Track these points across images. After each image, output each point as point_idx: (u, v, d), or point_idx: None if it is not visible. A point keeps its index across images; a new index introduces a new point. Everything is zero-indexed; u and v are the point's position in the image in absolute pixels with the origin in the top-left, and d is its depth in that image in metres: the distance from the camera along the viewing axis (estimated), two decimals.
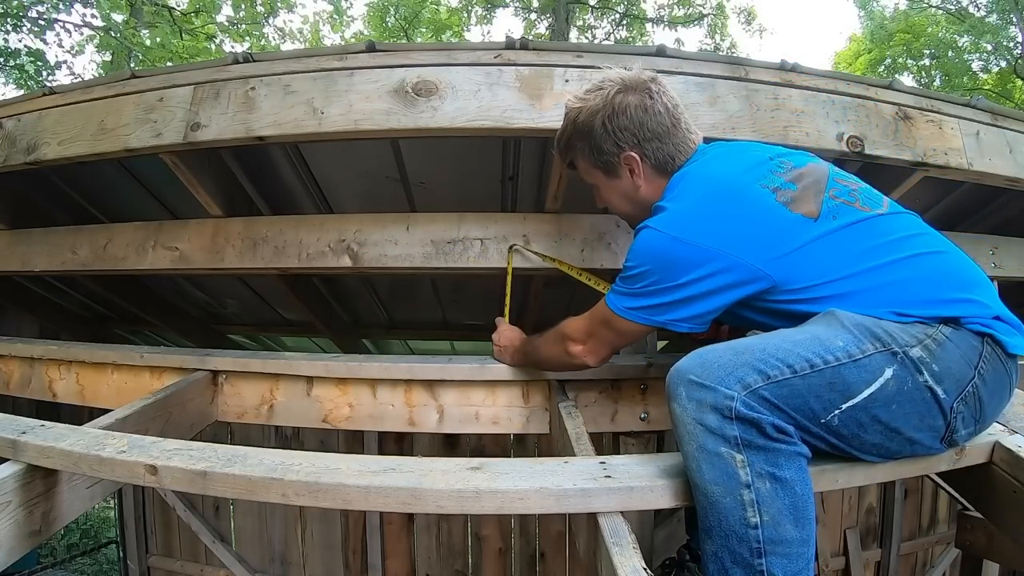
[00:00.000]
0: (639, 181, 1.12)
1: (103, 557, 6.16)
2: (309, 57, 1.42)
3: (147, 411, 1.31)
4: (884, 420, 0.85)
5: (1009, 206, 1.90)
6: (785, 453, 0.82)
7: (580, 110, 1.12)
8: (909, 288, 0.91)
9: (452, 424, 1.46)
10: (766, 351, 0.85)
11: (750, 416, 0.80)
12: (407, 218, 1.66)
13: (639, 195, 1.13)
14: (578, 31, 14.56)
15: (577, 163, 1.20)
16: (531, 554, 3.25)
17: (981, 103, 1.55)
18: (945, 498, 3.50)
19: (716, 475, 0.81)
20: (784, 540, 0.80)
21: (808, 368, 0.83)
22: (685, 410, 0.84)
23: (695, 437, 0.83)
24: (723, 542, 0.81)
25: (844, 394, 0.83)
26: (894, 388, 0.84)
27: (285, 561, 3.38)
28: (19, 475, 1.00)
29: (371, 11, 14.68)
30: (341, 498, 0.88)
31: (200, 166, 1.60)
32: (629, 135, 1.08)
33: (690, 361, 0.87)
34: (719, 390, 0.81)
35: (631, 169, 1.11)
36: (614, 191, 1.17)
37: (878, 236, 0.95)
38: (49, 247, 1.91)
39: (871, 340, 0.85)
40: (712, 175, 1.03)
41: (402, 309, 2.89)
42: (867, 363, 0.84)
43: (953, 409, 0.87)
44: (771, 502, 0.80)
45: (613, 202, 1.20)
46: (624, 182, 1.14)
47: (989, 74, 13.63)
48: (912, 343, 0.85)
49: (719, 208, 0.97)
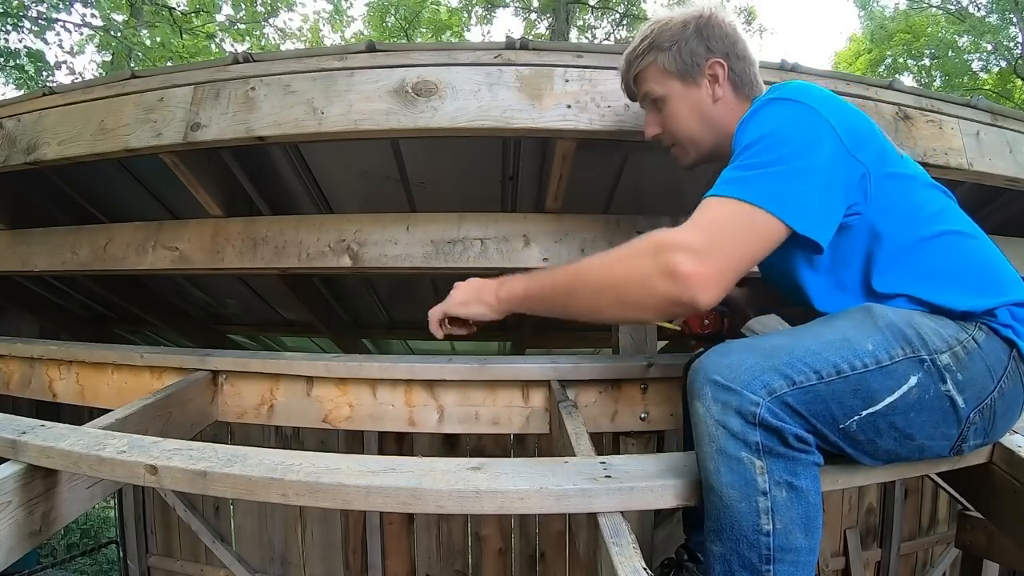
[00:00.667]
0: (719, 92, 1.07)
1: (103, 557, 6.16)
2: (309, 57, 1.42)
3: (147, 411, 1.30)
4: (900, 427, 0.84)
5: (1009, 206, 1.90)
6: (803, 462, 0.81)
7: (670, 17, 1.08)
8: (958, 272, 0.91)
9: (452, 424, 1.46)
10: (794, 354, 0.82)
11: (774, 424, 0.79)
12: (407, 218, 1.66)
13: (712, 110, 1.07)
14: (578, 31, 14.56)
15: (647, 74, 1.11)
16: (531, 554, 3.25)
17: (981, 103, 1.55)
18: (945, 498, 3.50)
19: (734, 479, 0.80)
20: (794, 548, 0.79)
21: (835, 375, 0.81)
22: (709, 411, 0.81)
23: (716, 439, 0.81)
24: (733, 546, 0.80)
25: (866, 401, 0.82)
26: (916, 396, 0.82)
27: (285, 561, 3.39)
28: (19, 475, 1.00)
29: (371, 11, 14.68)
30: (341, 498, 0.88)
31: (200, 166, 1.60)
32: (721, 44, 1.06)
33: (716, 359, 0.84)
34: (745, 395, 0.79)
35: (714, 77, 1.06)
36: (686, 102, 1.08)
37: (930, 204, 0.97)
38: (49, 247, 1.91)
39: (901, 344, 0.83)
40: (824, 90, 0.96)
41: (402, 309, 2.89)
42: (894, 369, 0.82)
43: (969, 419, 0.86)
44: (785, 510, 0.79)
45: (681, 116, 1.09)
46: (702, 92, 1.07)
47: (989, 74, 13.63)
48: (942, 348, 0.84)
49: (846, 106, 0.93)
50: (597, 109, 1.34)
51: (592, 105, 1.34)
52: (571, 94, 1.35)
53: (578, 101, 1.35)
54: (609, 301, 0.87)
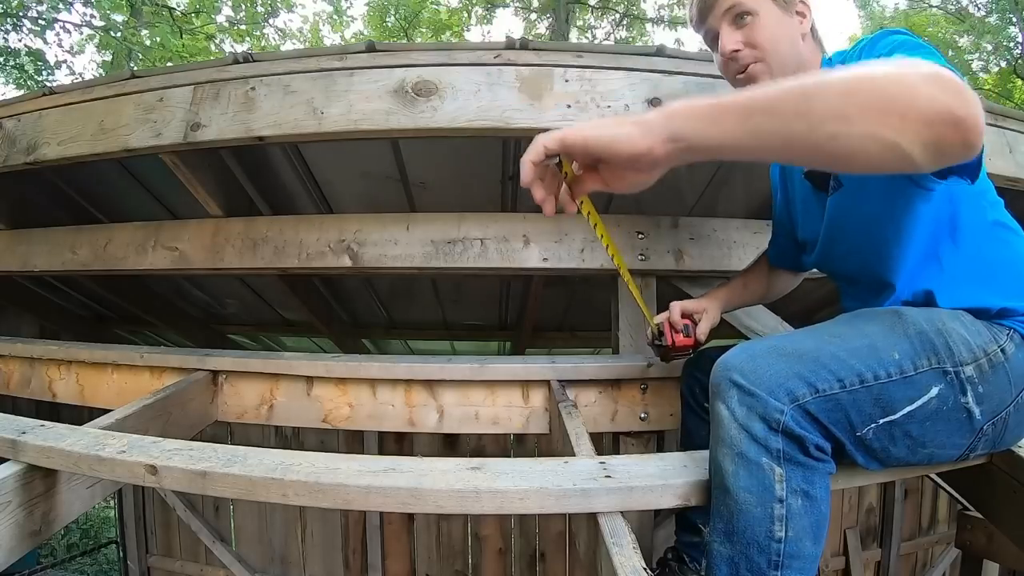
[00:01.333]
0: (805, 28, 1.05)
1: (103, 557, 6.16)
2: (309, 57, 1.42)
3: (147, 411, 1.30)
4: (915, 436, 0.83)
5: (1009, 206, 1.90)
6: (820, 472, 0.80)
7: None
8: (1007, 268, 0.92)
9: (452, 424, 1.46)
10: (820, 360, 0.81)
11: (797, 432, 0.78)
12: (407, 218, 1.66)
13: (800, 44, 1.05)
14: (578, 31, 14.56)
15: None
16: (531, 554, 3.25)
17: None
18: (945, 498, 3.50)
19: (752, 484, 0.79)
20: (802, 556, 0.79)
21: (858, 383, 0.80)
22: (734, 414, 0.80)
23: (737, 443, 0.80)
24: (743, 549, 0.80)
25: (885, 409, 0.81)
26: (935, 406, 0.82)
27: (285, 561, 3.39)
28: (19, 475, 1.00)
29: (371, 11, 14.68)
30: (341, 498, 0.88)
31: (200, 166, 1.60)
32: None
33: (739, 360, 0.82)
34: (769, 401, 0.78)
35: (803, 15, 1.05)
36: (781, 25, 1.03)
37: (991, 190, 0.99)
38: (49, 247, 1.91)
39: (928, 354, 0.82)
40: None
41: (402, 309, 2.89)
42: (917, 380, 0.82)
43: (983, 430, 0.86)
44: (799, 519, 0.79)
45: (775, 33, 1.03)
46: (792, 22, 1.05)
47: (989, 74, 13.62)
48: (968, 360, 0.83)
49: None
50: (597, 109, 1.34)
51: (592, 105, 1.34)
52: (571, 94, 1.35)
53: (578, 101, 1.34)
54: (865, 102, 0.59)
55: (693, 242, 1.62)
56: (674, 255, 1.60)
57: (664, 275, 1.63)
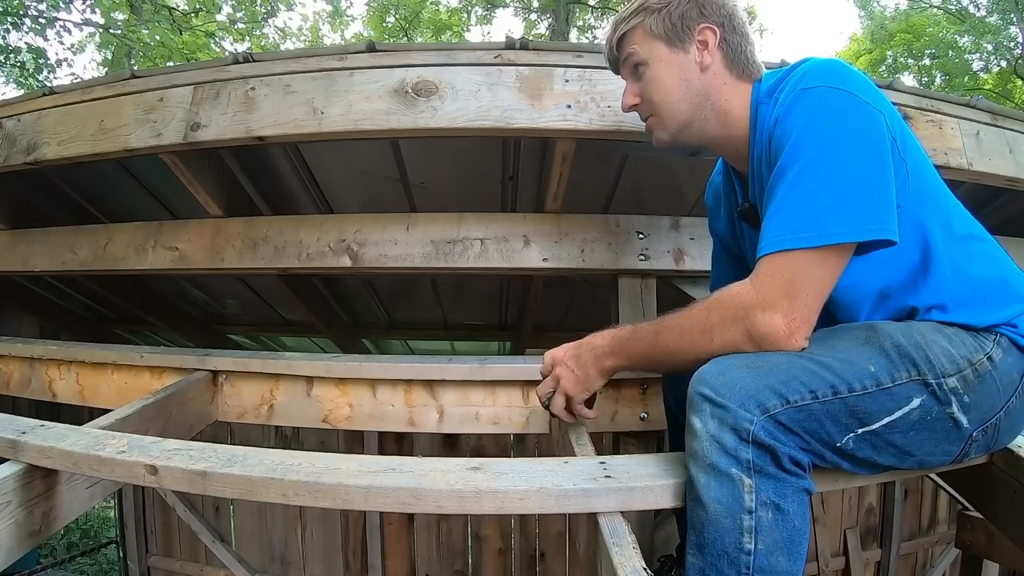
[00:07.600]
0: (707, 60, 0.99)
1: (103, 557, 6.15)
2: (309, 57, 1.42)
3: (147, 411, 1.30)
4: (899, 445, 0.83)
5: (1009, 206, 1.90)
6: (793, 486, 0.80)
7: None
8: (983, 281, 0.91)
9: (452, 424, 1.46)
10: (790, 372, 0.81)
11: (768, 442, 0.78)
12: (407, 218, 1.66)
13: (699, 79, 1.00)
14: (578, 31, 14.55)
15: (631, 37, 1.04)
16: (531, 554, 3.25)
17: (981, 103, 1.55)
18: (945, 498, 3.50)
19: (722, 494, 0.79)
20: (775, 571, 0.78)
21: (831, 395, 0.80)
22: (706, 426, 0.81)
23: (709, 454, 0.80)
24: (713, 561, 0.80)
25: (862, 420, 0.81)
26: (916, 417, 0.81)
27: (285, 561, 3.38)
28: (19, 475, 1.00)
29: (371, 11, 14.67)
30: (341, 498, 0.88)
31: (200, 166, 1.60)
32: (716, 11, 0.99)
33: (711, 374, 0.83)
34: (739, 412, 0.78)
35: (703, 43, 0.99)
36: (670, 67, 1.00)
37: (955, 204, 0.97)
38: (49, 247, 1.91)
39: (906, 367, 0.81)
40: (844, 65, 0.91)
41: (402, 309, 2.89)
42: (895, 392, 0.81)
43: (972, 438, 0.85)
44: (769, 532, 0.78)
45: (663, 81, 1.01)
46: (689, 58, 1.00)
47: (989, 74, 13.63)
48: (950, 372, 0.82)
49: (878, 88, 0.88)
50: (597, 109, 1.34)
51: (592, 105, 1.35)
52: (571, 94, 1.35)
53: (578, 101, 1.35)
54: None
55: (693, 242, 1.62)
56: (674, 255, 1.60)
57: (664, 275, 1.63)
